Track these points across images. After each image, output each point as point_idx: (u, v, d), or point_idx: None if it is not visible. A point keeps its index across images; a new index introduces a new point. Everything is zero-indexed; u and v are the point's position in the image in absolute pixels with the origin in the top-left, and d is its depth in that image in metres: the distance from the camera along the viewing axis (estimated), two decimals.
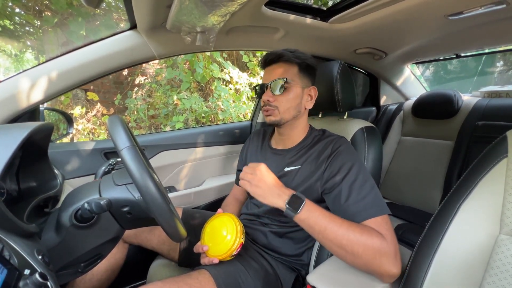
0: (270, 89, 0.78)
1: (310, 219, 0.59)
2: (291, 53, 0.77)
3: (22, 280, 0.36)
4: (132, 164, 0.47)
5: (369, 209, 0.62)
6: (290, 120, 0.79)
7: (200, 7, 0.64)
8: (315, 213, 0.60)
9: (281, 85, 0.76)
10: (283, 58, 0.77)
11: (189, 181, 1.25)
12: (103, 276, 0.83)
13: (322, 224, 0.59)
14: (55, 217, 0.55)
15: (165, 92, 3.36)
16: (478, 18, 0.88)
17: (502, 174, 0.52)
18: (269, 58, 0.79)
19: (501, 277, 0.49)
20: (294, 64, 0.78)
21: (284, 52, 0.77)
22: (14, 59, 3.91)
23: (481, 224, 0.52)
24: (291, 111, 0.79)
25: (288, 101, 0.77)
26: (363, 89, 1.82)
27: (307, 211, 0.60)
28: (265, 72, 0.82)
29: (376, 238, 0.57)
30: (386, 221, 0.61)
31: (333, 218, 0.60)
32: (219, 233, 0.69)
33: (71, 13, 2.76)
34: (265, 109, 0.80)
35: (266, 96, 0.78)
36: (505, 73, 2.41)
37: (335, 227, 0.58)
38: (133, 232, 0.87)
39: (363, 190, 0.64)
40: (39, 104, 0.81)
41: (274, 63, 0.79)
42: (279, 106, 0.77)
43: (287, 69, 0.78)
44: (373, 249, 0.56)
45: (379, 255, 0.56)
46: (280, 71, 0.78)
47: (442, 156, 1.34)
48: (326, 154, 0.74)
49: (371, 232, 0.58)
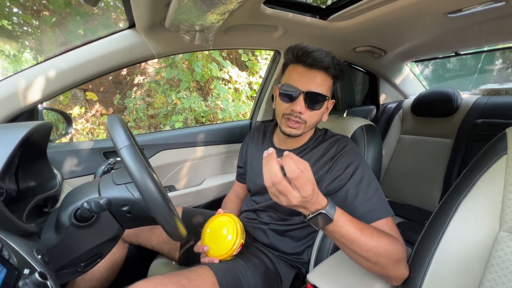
0: (304, 100, 0.68)
1: (337, 232, 0.52)
2: (332, 60, 0.67)
3: (21, 280, 0.36)
4: (131, 163, 0.47)
5: (377, 210, 0.61)
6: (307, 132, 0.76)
7: (198, 5, 0.64)
8: (345, 227, 0.51)
9: (319, 102, 0.69)
10: (327, 70, 0.68)
11: (188, 180, 1.25)
12: (103, 275, 0.83)
13: (351, 237, 0.51)
14: (54, 216, 0.55)
15: (164, 91, 3.36)
16: (477, 15, 0.88)
17: (502, 171, 0.52)
18: (315, 66, 0.67)
19: (500, 274, 0.49)
20: (332, 77, 0.71)
21: (331, 62, 0.67)
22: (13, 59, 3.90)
23: (480, 222, 0.53)
24: (313, 126, 0.75)
25: (316, 116, 0.72)
26: (363, 87, 1.82)
27: (334, 226, 0.51)
28: (300, 72, 0.69)
29: (399, 245, 0.55)
30: (393, 223, 0.61)
31: (365, 229, 0.53)
32: (219, 234, 0.69)
33: (69, 13, 2.75)
34: (291, 120, 0.71)
35: (299, 107, 0.68)
36: (504, 71, 2.41)
37: (367, 240, 0.52)
38: (133, 231, 0.87)
39: (370, 190, 0.64)
40: (37, 103, 0.80)
41: (315, 68, 0.68)
42: (307, 121, 0.71)
43: (325, 81, 0.70)
44: (395, 258, 0.54)
45: (397, 262, 0.54)
46: (320, 82, 0.69)
47: (442, 154, 1.34)
48: (330, 155, 0.73)
49: (394, 240, 0.55)
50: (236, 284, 0.66)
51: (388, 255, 0.53)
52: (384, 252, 0.52)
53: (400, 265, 0.55)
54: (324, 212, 0.48)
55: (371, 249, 0.52)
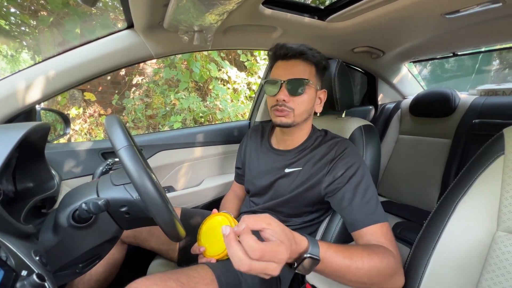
0: (286, 88, 0.71)
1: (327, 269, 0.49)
2: (310, 50, 0.71)
3: (19, 281, 0.36)
4: (130, 163, 0.47)
5: (373, 214, 0.61)
6: (300, 123, 0.76)
7: (197, 5, 0.64)
8: (334, 261, 0.48)
9: (300, 86, 0.70)
10: (304, 56, 0.71)
11: (187, 181, 1.25)
12: (101, 276, 0.82)
13: (343, 269, 0.49)
14: (52, 217, 0.55)
15: (163, 92, 3.35)
16: (475, 16, 0.88)
17: (499, 171, 0.53)
18: (289, 53, 0.71)
19: (498, 274, 0.49)
20: (312, 64, 0.73)
21: (306, 50, 0.71)
22: (10, 59, 3.88)
23: (478, 221, 0.53)
24: (304, 115, 0.75)
25: (304, 103, 0.73)
26: (361, 88, 1.83)
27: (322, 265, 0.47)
28: (279, 66, 0.73)
29: (391, 258, 0.54)
30: (389, 230, 0.61)
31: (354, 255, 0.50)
32: (215, 234, 0.69)
33: (67, 13, 2.74)
34: (278, 109, 0.72)
35: (282, 95, 0.70)
36: (502, 71, 2.42)
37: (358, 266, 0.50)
38: (132, 232, 0.87)
39: (367, 194, 0.64)
40: (35, 104, 0.80)
41: (293, 58, 0.71)
42: (295, 109, 0.72)
43: (306, 67, 0.72)
44: (389, 273, 0.53)
45: (393, 275, 0.54)
46: (300, 69, 0.71)
47: (440, 154, 1.34)
48: (329, 157, 0.73)
49: (386, 255, 0.54)
50: (234, 282, 0.66)
51: (382, 273, 0.52)
52: (377, 272, 0.51)
53: (396, 276, 0.54)
54: (308, 256, 0.44)
55: (365, 274, 0.50)
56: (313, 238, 0.48)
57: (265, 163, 0.84)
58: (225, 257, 0.68)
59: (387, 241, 0.59)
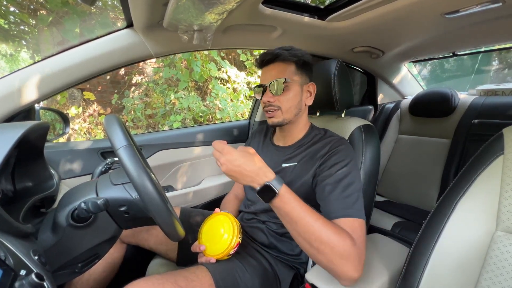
0: (270, 90, 0.77)
1: (282, 208, 0.56)
2: (287, 51, 0.77)
3: (18, 281, 0.36)
4: (129, 163, 0.47)
5: (349, 208, 0.62)
6: (292, 119, 0.79)
7: (197, 5, 0.64)
8: (290, 204, 0.56)
9: (280, 85, 0.76)
10: (280, 58, 0.77)
11: (187, 180, 1.25)
12: (100, 276, 0.82)
13: (295, 216, 0.55)
14: (51, 217, 0.55)
15: (163, 91, 3.35)
16: (474, 16, 0.88)
17: (498, 171, 0.53)
18: (266, 59, 0.78)
19: (497, 273, 0.49)
20: (291, 63, 0.78)
21: (280, 52, 0.76)
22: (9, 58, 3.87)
23: (477, 221, 0.53)
24: (293, 110, 0.78)
25: (289, 100, 0.77)
26: (361, 87, 1.83)
27: (279, 201, 0.56)
28: (263, 72, 0.81)
29: (348, 240, 0.55)
30: (361, 227, 0.61)
31: (310, 212, 0.56)
32: (216, 233, 0.69)
33: (66, 12, 2.73)
34: (266, 110, 0.79)
35: (266, 97, 0.77)
36: (501, 71, 2.42)
37: (310, 222, 0.55)
38: (131, 231, 0.87)
39: (348, 189, 0.65)
40: (34, 103, 0.80)
41: (271, 63, 0.78)
42: (281, 106, 0.77)
43: (285, 68, 0.77)
44: (339, 250, 0.54)
45: (343, 257, 0.54)
46: (278, 70, 0.77)
47: (439, 154, 1.34)
48: (323, 152, 0.74)
49: (343, 234, 0.55)
50: (233, 285, 0.66)
51: (331, 244, 0.53)
52: (327, 240, 0.53)
53: (347, 262, 0.54)
54: (268, 184, 0.55)
55: (313, 232, 0.54)
56: (281, 178, 0.58)
57: (265, 159, 0.85)
58: (224, 257, 0.68)
59: (354, 233, 0.58)
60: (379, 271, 0.66)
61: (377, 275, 0.64)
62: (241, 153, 0.58)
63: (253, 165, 0.57)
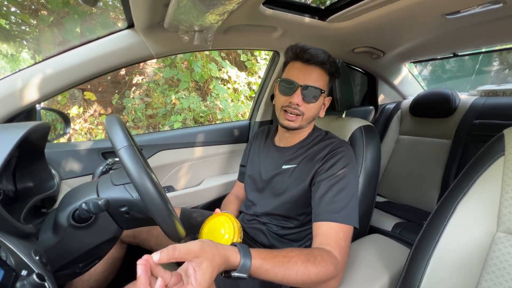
0: (302, 93, 0.72)
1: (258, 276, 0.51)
2: (329, 58, 0.73)
3: (19, 281, 0.36)
4: (130, 163, 0.47)
5: (336, 213, 0.62)
6: (305, 126, 0.79)
7: (197, 5, 0.64)
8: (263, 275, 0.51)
9: (316, 94, 0.73)
10: (324, 66, 0.73)
11: (187, 180, 1.25)
12: (101, 276, 0.82)
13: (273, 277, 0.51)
14: (52, 217, 0.55)
15: (163, 91, 3.35)
16: (475, 17, 0.88)
17: (499, 172, 0.53)
18: (311, 61, 0.72)
19: (498, 274, 0.49)
20: (328, 74, 0.75)
21: (326, 59, 0.72)
22: (10, 58, 3.88)
23: (478, 222, 0.53)
24: (310, 119, 0.78)
25: (314, 110, 0.75)
26: (361, 88, 1.83)
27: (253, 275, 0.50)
28: (298, 68, 0.74)
29: (331, 266, 0.55)
30: (346, 234, 0.62)
31: (288, 263, 0.52)
32: (217, 233, 0.69)
33: (67, 12, 2.74)
34: (289, 112, 0.74)
35: (296, 99, 0.72)
36: (502, 72, 2.42)
37: (291, 275, 0.52)
38: (132, 232, 0.87)
39: (340, 194, 0.65)
40: (35, 103, 0.80)
41: (311, 64, 0.73)
42: (305, 114, 0.74)
43: (322, 76, 0.74)
44: (323, 278, 0.55)
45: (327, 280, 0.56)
46: (317, 76, 0.73)
47: (440, 154, 1.34)
48: (322, 155, 0.74)
49: (325, 263, 0.55)
50: (233, 285, 0.66)
51: (315, 281, 0.54)
52: (310, 280, 0.53)
53: (330, 281, 0.57)
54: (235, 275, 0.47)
55: (297, 282, 0.53)
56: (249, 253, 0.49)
57: (266, 159, 0.86)
58: None
59: (336, 245, 0.59)
60: (380, 272, 0.66)
61: (378, 276, 0.64)
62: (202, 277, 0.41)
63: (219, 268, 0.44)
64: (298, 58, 0.74)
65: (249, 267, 0.48)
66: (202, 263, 0.41)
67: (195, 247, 0.42)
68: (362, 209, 0.86)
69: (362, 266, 0.68)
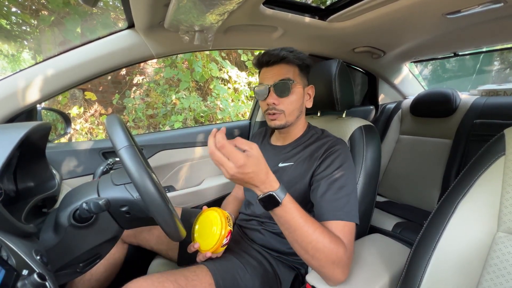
0: (274, 91, 0.75)
1: (283, 217, 0.54)
2: (291, 53, 0.75)
3: (20, 281, 0.36)
4: (130, 163, 0.47)
5: (339, 211, 0.63)
6: (293, 121, 0.79)
7: (198, 5, 0.64)
8: (291, 214, 0.54)
9: (286, 86, 0.74)
10: (285, 60, 0.75)
11: (188, 180, 1.25)
12: (102, 276, 0.82)
13: (294, 225, 0.54)
14: (53, 217, 0.55)
15: (164, 91, 3.35)
16: (476, 16, 0.88)
17: (500, 172, 0.53)
18: (271, 60, 0.75)
19: (498, 274, 0.49)
20: (295, 65, 0.77)
21: (286, 54, 0.75)
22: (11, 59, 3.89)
23: (479, 222, 0.53)
24: (295, 113, 0.78)
25: (293, 103, 0.76)
26: (362, 88, 1.83)
27: (281, 211, 0.54)
28: (264, 72, 0.78)
29: (341, 248, 0.56)
30: (351, 230, 0.62)
31: (309, 221, 0.55)
32: (205, 228, 0.70)
33: (68, 12, 2.74)
34: (270, 113, 0.77)
35: (271, 99, 0.75)
36: (503, 71, 2.42)
37: (309, 231, 0.54)
38: (132, 232, 0.87)
39: (341, 192, 0.65)
40: (36, 103, 0.80)
41: (275, 64, 0.76)
42: (285, 110, 0.76)
43: (289, 70, 0.76)
44: (332, 257, 0.55)
45: (335, 263, 0.56)
46: (283, 72, 0.75)
47: (440, 154, 1.34)
48: (319, 153, 0.74)
49: (337, 242, 0.56)
50: (233, 285, 0.66)
51: (326, 252, 0.54)
52: (323, 248, 0.54)
53: (337, 267, 0.56)
54: (273, 194, 0.52)
55: (311, 241, 0.54)
56: (284, 188, 0.54)
57: None
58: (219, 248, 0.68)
59: (344, 238, 0.59)
60: (380, 272, 0.66)
61: (378, 276, 0.64)
62: (251, 159, 0.48)
63: (262, 174, 0.51)
64: (261, 64, 0.78)
65: (285, 195, 0.53)
66: (253, 150, 0.49)
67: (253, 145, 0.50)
68: (362, 209, 0.86)
69: (363, 266, 0.68)
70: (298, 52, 0.77)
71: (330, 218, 0.62)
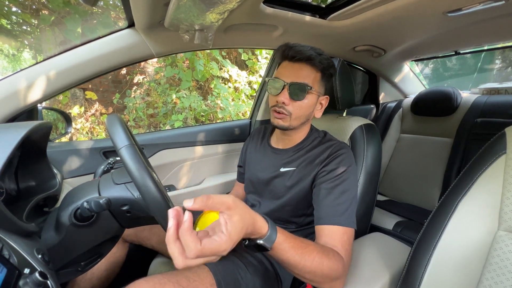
0: (288, 91, 0.71)
1: (275, 257, 0.51)
2: (319, 55, 0.71)
3: (22, 279, 0.36)
4: (131, 162, 0.47)
5: (339, 216, 0.62)
6: (297, 126, 0.76)
7: (198, 4, 0.64)
8: (284, 254, 0.50)
9: (302, 91, 0.70)
10: (311, 62, 0.70)
11: (188, 180, 1.25)
12: (103, 275, 0.83)
13: (290, 263, 0.51)
14: (54, 216, 0.55)
15: (164, 90, 3.35)
16: (477, 14, 0.88)
17: (501, 170, 0.53)
18: (296, 57, 0.70)
19: (499, 273, 0.49)
20: (318, 71, 0.73)
21: (314, 56, 0.70)
22: (12, 58, 3.89)
23: (479, 221, 0.53)
24: (301, 119, 0.75)
25: (302, 109, 0.73)
26: (362, 86, 1.82)
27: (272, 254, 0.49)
28: (284, 67, 0.73)
29: (340, 265, 0.56)
30: (350, 237, 0.62)
31: (306, 253, 0.51)
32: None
33: (68, 12, 2.74)
34: (276, 111, 0.73)
35: (282, 97, 0.71)
36: (504, 70, 2.41)
37: (306, 264, 0.51)
38: (133, 231, 0.87)
39: (342, 197, 0.65)
40: (37, 103, 0.80)
41: (298, 62, 0.71)
42: (292, 113, 0.72)
43: (311, 73, 0.72)
44: (331, 276, 0.55)
45: (333, 279, 0.56)
46: (304, 74, 0.71)
47: (441, 153, 1.34)
48: (322, 158, 0.73)
49: (335, 260, 0.55)
50: (235, 285, 0.66)
51: (325, 275, 0.54)
52: (321, 273, 0.53)
53: (336, 281, 0.56)
54: (260, 243, 0.45)
55: (309, 271, 0.53)
56: (275, 226, 0.48)
57: (263, 161, 0.85)
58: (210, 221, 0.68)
59: (342, 247, 0.59)
60: (381, 271, 0.66)
61: (379, 275, 0.64)
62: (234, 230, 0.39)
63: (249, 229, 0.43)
64: (285, 56, 0.73)
65: (274, 239, 0.47)
66: (233, 216, 0.40)
67: (228, 199, 0.41)
68: (363, 208, 0.86)
69: (363, 265, 0.68)
70: (326, 57, 0.72)
71: (330, 223, 0.62)
